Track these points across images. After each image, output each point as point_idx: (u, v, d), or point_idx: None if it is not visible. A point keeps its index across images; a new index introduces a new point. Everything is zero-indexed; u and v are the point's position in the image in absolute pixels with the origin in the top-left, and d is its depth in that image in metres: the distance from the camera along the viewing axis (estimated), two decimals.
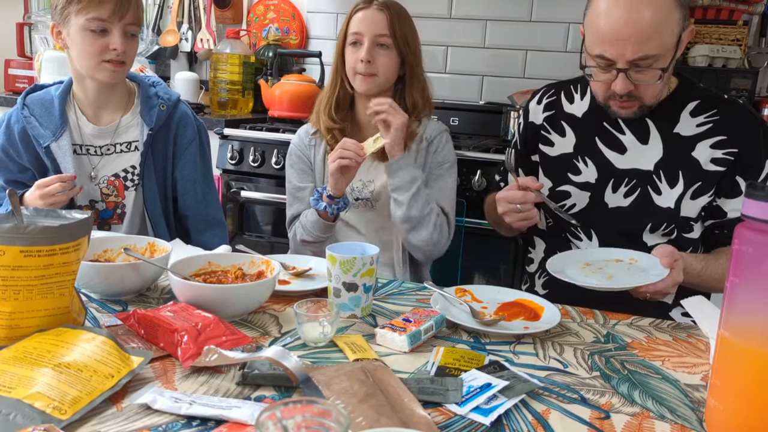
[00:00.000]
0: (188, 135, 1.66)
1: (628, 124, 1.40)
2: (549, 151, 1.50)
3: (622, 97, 1.29)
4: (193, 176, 1.67)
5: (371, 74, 1.56)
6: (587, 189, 1.44)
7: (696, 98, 1.38)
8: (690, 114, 1.37)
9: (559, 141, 1.49)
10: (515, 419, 0.79)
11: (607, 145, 1.42)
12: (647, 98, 1.30)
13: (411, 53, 1.60)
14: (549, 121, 1.51)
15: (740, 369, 0.74)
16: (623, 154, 1.40)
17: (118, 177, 1.61)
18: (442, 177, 1.63)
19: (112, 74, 1.52)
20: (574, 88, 1.51)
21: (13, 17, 3.21)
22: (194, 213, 1.69)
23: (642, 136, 1.39)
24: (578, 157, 1.45)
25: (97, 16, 1.45)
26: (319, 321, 0.97)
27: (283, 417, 0.58)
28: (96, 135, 1.60)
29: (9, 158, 1.60)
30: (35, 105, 1.59)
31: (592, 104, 1.45)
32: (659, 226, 1.37)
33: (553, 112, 1.51)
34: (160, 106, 1.61)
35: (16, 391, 0.73)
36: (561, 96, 1.52)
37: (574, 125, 1.47)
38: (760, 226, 0.71)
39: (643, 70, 1.25)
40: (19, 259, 0.85)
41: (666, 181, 1.37)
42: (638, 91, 1.28)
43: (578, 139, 1.46)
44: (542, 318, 1.12)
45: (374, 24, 1.55)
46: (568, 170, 1.45)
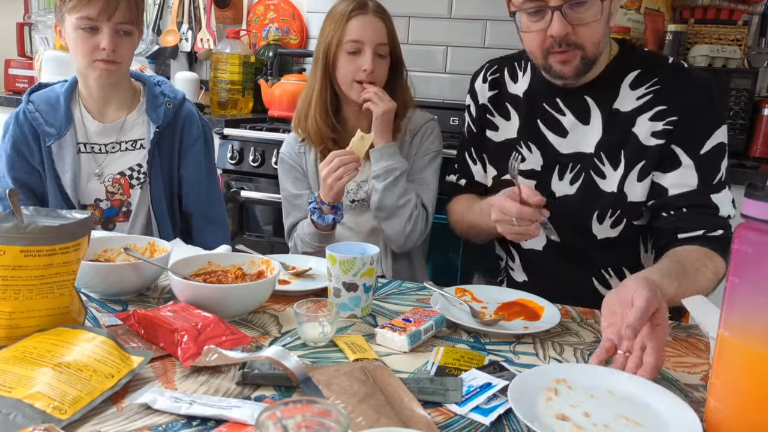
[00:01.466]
0: (194, 133, 1.66)
1: (567, 102, 1.30)
2: (493, 137, 1.40)
3: (560, 46, 1.18)
4: (198, 174, 1.67)
5: (371, 83, 1.54)
6: (533, 177, 1.34)
7: (636, 67, 1.27)
8: (630, 86, 1.27)
9: (503, 125, 1.39)
10: (515, 419, 0.79)
11: (548, 127, 1.32)
12: (588, 45, 1.18)
13: (399, 58, 1.59)
14: (493, 102, 1.40)
15: (740, 369, 0.74)
16: (565, 137, 1.31)
17: (124, 175, 1.61)
18: (424, 168, 1.62)
19: (104, 73, 1.51)
20: (518, 65, 1.39)
21: (13, 17, 3.21)
22: (197, 211, 1.70)
23: (582, 116, 1.29)
24: (521, 143, 1.35)
25: (86, 14, 1.45)
26: (319, 321, 0.97)
27: (283, 417, 0.58)
28: (100, 132, 1.60)
29: (20, 156, 1.58)
30: (40, 102, 1.59)
31: (531, 82, 1.35)
32: (605, 214, 1.29)
33: (496, 91, 1.41)
34: (167, 104, 1.62)
35: (16, 390, 0.73)
36: (504, 73, 1.41)
37: (518, 107, 1.36)
38: (760, 226, 0.71)
39: (579, 6, 1.15)
40: (19, 258, 0.85)
41: (609, 163, 1.27)
42: (577, 36, 1.17)
43: (522, 123, 1.35)
44: (542, 318, 1.12)
45: (375, 33, 1.53)
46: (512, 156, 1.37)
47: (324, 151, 1.60)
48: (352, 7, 1.53)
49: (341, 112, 1.63)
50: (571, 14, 1.16)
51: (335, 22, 1.55)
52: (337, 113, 1.62)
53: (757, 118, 2.33)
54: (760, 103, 2.34)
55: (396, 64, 1.60)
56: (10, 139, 1.58)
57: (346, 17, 1.53)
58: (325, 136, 1.59)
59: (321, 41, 1.58)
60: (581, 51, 1.20)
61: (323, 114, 1.58)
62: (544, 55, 1.23)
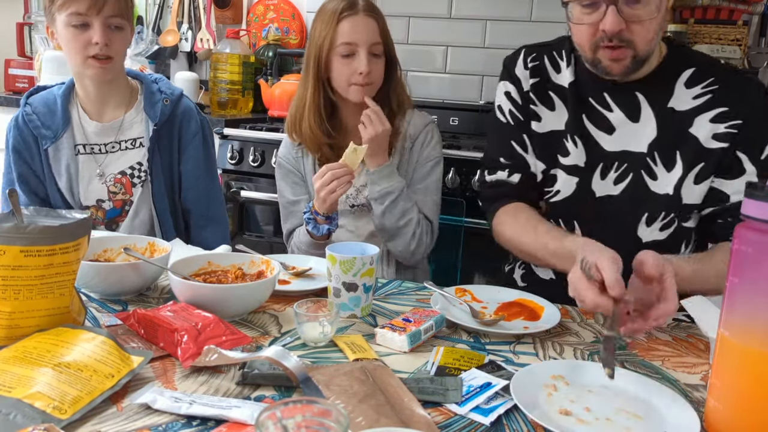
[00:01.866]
0: (192, 129, 1.65)
1: (616, 98, 1.25)
2: (537, 127, 1.32)
3: (611, 41, 1.14)
4: (196, 171, 1.67)
5: (369, 84, 1.51)
6: (575, 174, 1.29)
7: (690, 65, 1.24)
8: (685, 85, 1.23)
9: (547, 115, 1.31)
10: (515, 419, 0.79)
11: (594, 123, 1.27)
12: (640, 44, 1.14)
13: (393, 55, 1.57)
14: (535, 91, 1.33)
15: (740, 369, 0.74)
16: (611, 135, 1.26)
17: (125, 174, 1.61)
18: (426, 177, 1.59)
19: (99, 70, 1.51)
20: (558, 55, 1.33)
21: (13, 17, 3.21)
22: (196, 208, 1.69)
23: (632, 113, 1.24)
24: (568, 136, 1.29)
25: (76, 10, 1.44)
26: (319, 321, 0.97)
27: (283, 417, 0.58)
28: (99, 132, 1.60)
29: (22, 160, 1.59)
30: (38, 105, 1.59)
31: (577, 75, 1.30)
32: (657, 217, 1.24)
33: (538, 79, 1.33)
34: (164, 101, 1.61)
35: (16, 390, 0.73)
36: (545, 61, 1.34)
37: (565, 98, 1.30)
38: (760, 226, 0.71)
39: (635, 3, 1.10)
40: (19, 258, 0.85)
41: (662, 164, 1.23)
42: (630, 33, 1.13)
43: (570, 115, 1.29)
44: (542, 318, 1.12)
45: (368, 33, 1.49)
46: (557, 151, 1.29)
47: (322, 158, 1.58)
48: (342, 8, 1.49)
49: (337, 116, 1.60)
50: (626, 10, 1.12)
51: (325, 23, 1.50)
52: (332, 117, 1.58)
53: None
54: None
55: (390, 62, 1.57)
56: (11, 143, 1.59)
57: (336, 19, 1.48)
58: (321, 142, 1.56)
59: (312, 44, 1.54)
60: (632, 49, 1.16)
61: (318, 120, 1.55)
62: (593, 48, 1.19)
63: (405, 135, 1.59)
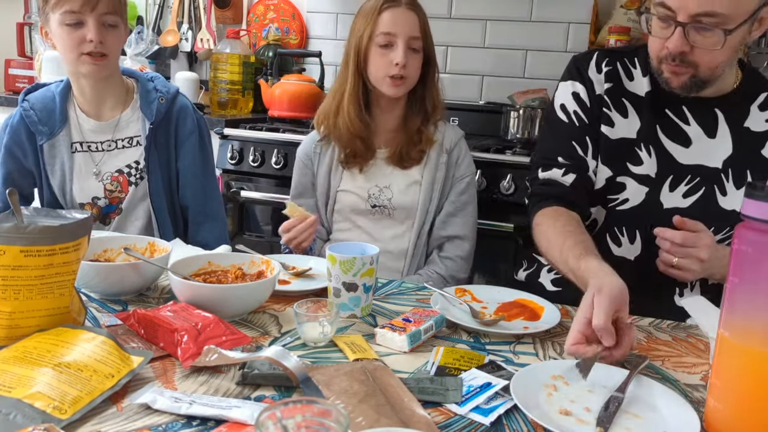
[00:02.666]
0: (188, 127, 1.65)
1: (694, 113, 1.27)
2: (609, 133, 1.31)
3: (674, 60, 1.17)
4: (193, 168, 1.66)
5: (403, 78, 1.51)
6: (646, 183, 1.28)
7: (766, 89, 1.27)
8: (759, 107, 1.26)
9: (620, 122, 1.30)
10: (515, 419, 0.79)
11: (668, 135, 1.27)
12: (703, 66, 1.17)
13: (432, 55, 1.56)
14: (610, 96, 1.32)
15: (740, 369, 0.74)
16: (687, 148, 1.26)
17: (122, 173, 1.61)
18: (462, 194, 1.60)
19: (93, 67, 1.50)
20: (630, 63, 1.33)
21: (13, 17, 3.21)
22: (193, 205, 1.69)
23: (709, 129, 1.25)
24: (641, 145, 1.28)
25: (69, 8, 1.44)
26: (319, 321, 0.97)
27: (283, 417, 0.58)
28: (96, 131, 1.60)
29: (13, 158, 1.59)
30: (36, 101, 1.59)
31: (653, 85, 1.30)
32: (721, 230, 1.25)
33: (612, 84, 1.32)
34: (159, 99, 1.61)
35: (16, 390, 0.73)
36: (618, 68, 1.33)
37: (638, 106, 1.30)
38: (760, 226, 0.71)
39: (704, 30, 1.12)
40: (19, 258, 0.85)
41: (733, 181, 1.25)
42: (693, 55, 1.15)
43: (643, 125, 1.29)
44: (542, 318, 1.12)
45: (407, 26, 1.50)
46: (628, 159, 1.29)
47: (349, 155, 1.58)
48: (384, 0, 1.51)
49: (370, 110, 1.60)
50: (693, 35, 1.14)
51: (366, 17, 1.52)
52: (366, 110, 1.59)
53: None
54: None
55: (428, 62, 1.56)
56: (6, 139, 1.59)
57: (377, 10, 1.50)
58: (357, 134, 1.56)
59: (352, 38, 1.55)
60: (694, 69, 1.18)
61: (357, 110, 1.55)
62: (659, 61, 1.22)
63: (441, 147, 1.59)
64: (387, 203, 1.59)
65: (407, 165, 1.58)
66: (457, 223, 1.59)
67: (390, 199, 1.59)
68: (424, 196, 1.57)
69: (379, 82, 1.53)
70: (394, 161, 1.58)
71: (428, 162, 1.58)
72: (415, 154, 1.57)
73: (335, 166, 1.61)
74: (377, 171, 1.60)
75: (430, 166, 1.58)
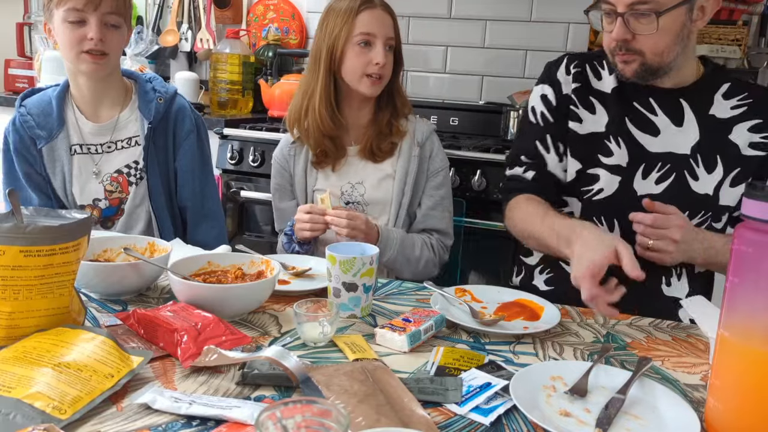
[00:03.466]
0: (186, 127, 1.66)
1: (661, 104, 1.34)
2: (577, 128, 1.40)
3: (621, 50, 1.26)
4: (191, 168, 1.67)
5: (381, 77, 1.53)
6: (618, 173, 1.35)
7: (726, 81, 1.34)
8: (723, 96, 1.32)
9: (588, 118, 1.39)
10: (515, 419, 0.79)
11: (638, 126, 1.35)
12: (648, 52, 1.25)
13: (400, 55, 1.59)
14: (577, 95, 1.41)
15: (740, 369, 0.74)
16: (656, 137, 1.33)
17: (121, 173, 1.61)
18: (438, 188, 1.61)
19: (92, 66, 1.50)
20: (599, 64, 1.42)
21: (13, 17, 3.21)
22: (192, 204, 1.69)
23: (676, 118, 1.33)
24: (610, 137, 1.36)
25: (73, 6, 1.45)
26: (318, 321, 0.97)
27: (283, 417, 0.58)
28: (95, 132, 1.60)
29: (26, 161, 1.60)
30: (32, 106, 1.59)
31: (620, 81, 1.38)
32: (696, 214, 1.31)
33: (580, 84, 1.42)
34: (158, 99, 1.61)
35: (15, 390, 0.73)
36: (587, 69, 1.43)
37: (605, 102, 1.39)
38: (760, 226, 0.71)
39: (641, 17, 1.21)
40: (18, 258, 0.85)
41: (703, 166, 1.31)
42: (637, 43, 1.24)
43: (610, 118, 1.37)
44: (542, 318, 1.12)
45: (384, 26, 1.52)
46: (599, 151, 1.36)
47: (320, 155, 1.59)
48: (360, 1, 1.52)
49: (341, 108, 1.59)
50: (632, 22, 1.23)
51: (341, 17, 1.52)
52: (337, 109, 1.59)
53: None
54: None
55: (397, 59, 1.59)
56: (13, 145, 1.59)
57: (355, 11, 1.51)
58: (327, 133, 1.56)
59: (323, 37, 1.54)
60: (641, 57, 1.26)
61: (329, 109, 1.55)
62: (612, 55, 1.30)
63: (412, 139, 1.60)
64: (360, 199, 1.61)
65: (379, 158, 1.59)
66: (436, 216, 1.61)
67: (363, 195, 1.60)
68: (398, 189, 1.59)
69: (356, 81, 1.54)
70: (366, 155, 1.59)
71: (400, 155, 1.59)
72: (386, 146, 1.58)
73: (310, 167, 1.63)
74: (349, 168, 1.61)
75: (402, 159, 1.59)
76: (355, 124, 1.60)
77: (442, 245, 1.61)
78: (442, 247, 1.61)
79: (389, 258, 1.51)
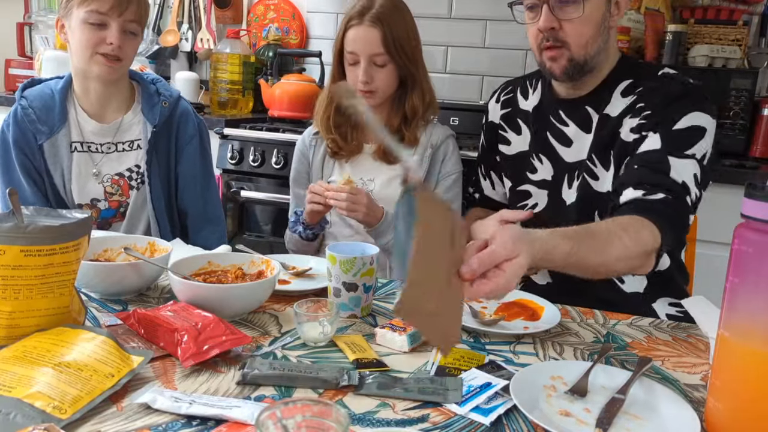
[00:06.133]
0: (189, 131, 1.66)
1: (569, 113, 1.37)
2: (507, 150, 1.49)
3: (548, 41, 1.26)
4: (193, 173, 1.67)
5: (370, 92, 1.54)
6: (545, 187, 1.41)
7: (628, 77, 1.32)
8: (621, 93, 1.32)
9: (515, 139, 1.47)
10: (515, 419, 0.79)
11: (556, 139, 1.39)
12: (573, 45, 1.26)
13: (410, 61, 1.56)
14: (505, 120, 1.50)
15: (740, 369, 0.74)
16: (570, 147, 1.37)
17: (123, 177, 1.61)
18: (449, 189, 1.62)
19: (105, 68, 1.50)
20: (530, 83, 1.48)
21: (13, 17, 3.21)
22: (193, 210, 1.69)
23: (585, 125, 1.35)
24: (533, 155, 1.43)
25: (97, 8, 1.45)
26: (318, 321, 0.97)
27: (283, 417, 0.58)
28: (97, 133, 1.60)
29: (23, 153, 1.56)
30: (34, 99, 1.57)
31: (541, 98, 1.43)
32: (605, 212, 1.29)
33: (509, 109, 1.49)
34: (162, 103, 1.61)
35: (16, 390, 0.73)
36: (517, 92, 1.50)
37: (528, 121, 1.45)
38: (760, 226, 0.71)
39: (566, 5, 1.23)
40: (19, 258, 0.85)
41: (601, 165, 1.32)
42: (564, 33, 1.25)
43: (533, 136, 1.43)
44: (542, 318, 1.12)
45: (368, 44, 1.50)
46: (526, 169, 1.43)
47: (334, 148, 1.62)
48: (350, 16, 1.53)
49: None
50: (557, 11, 1.24)
51: (340, 27, 1.56)
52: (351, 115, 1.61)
53: (757, 118, 2.33)
54: (760, 103, 2.34)
55: (404, 69, 1.56)
56: (12, 137, 1.56)
57: (343, 28, 1.54)
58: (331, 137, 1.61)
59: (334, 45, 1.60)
60: (568, 50, 1.27)
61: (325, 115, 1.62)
62: (539, 52, 1.31)
63: (427, 143, 1.61)
64: None
65: (391, 161, 1.61)
66: None
67: (372, 191, 1.61)
68: None
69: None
70: (380, 156, 1.61)
71: (414, 156, 1.60)
72: None
73: (327, 158, 1.66)
74: (364, 164, 1.63)
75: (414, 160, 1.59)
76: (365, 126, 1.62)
77: None
78: None
79: (389, 241, 1.51)
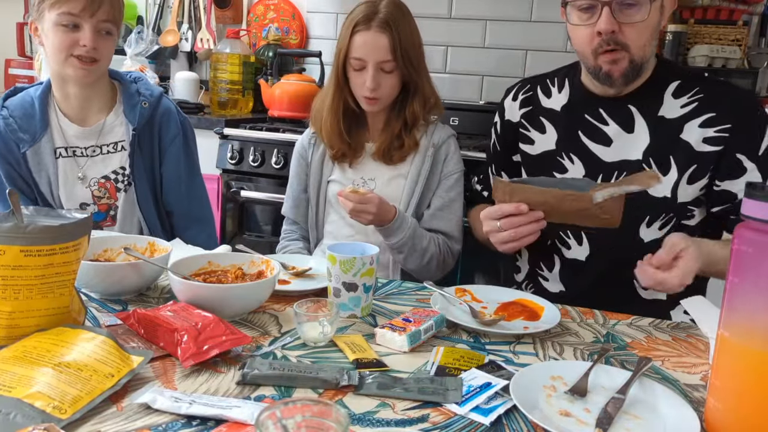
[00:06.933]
0: (172, 131, 1.63)
1: (610, 112, 1.34)
2: (530, 150, 1.45)
3: (609, 45, 1.22)
4: (177, 173, 1.64)
5: (376, 99, 1.53)
6: None
7: (676, 78, 1.33)
8: (672, 95, 1.31)
9: (539, 138, 1.44)
10: (515, 419, 0.79)
11: (591, 138, 1.36)
12: (634, 47, 1.23)
13: (413, 68, 1.54)
14: (527, 118, 1.46)
15: (740, 369, 0.74)
16: (609, 146, 1.34)
17: (109, 179, 1.59)
18: (449, 191, 1.60)
19: (81, 71, 1.47)
20: (551, 82, 1.46)
21: (13, 17, 3.21)
22: (178, 209, 1.67)
23: (626, 125, 1.33)
24: (562, 154, 1.39)
25: (68, 10, 1.42)
26: (318, 321, 0.97)
27: (283, 417, 0.58)
28: (80, 136, 1.57)
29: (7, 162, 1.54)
30: (15, 108, 1.54)
31: (571, 97, 1.41)
32: (657, 217, 1.31)
33: (530, 108, 1.46)
34: (143, 103, 1.58)
35: (16, 390, 0.73)
36: (537, 91, 1.46)
37: (554, 120, 1.42)
38: (760, 226, 0.71)
39: (628, 8, 1.20)
40: (19, 258, 0.85)
41: (657, 168, 1.31)
42: (624, 36, 1.22)
43: (560, 135, 1.40)
44: (542, 318, 1.12)
45: (376, 50, 1.48)
46: (553, 168, 1.40)
47: (337, 153, 1.61)
48: (357, 21, 1.49)
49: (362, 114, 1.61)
50: (618, 13, 1.20)
51: (345, 31, 1.52)
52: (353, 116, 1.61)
53: None
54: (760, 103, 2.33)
55: (408, 75, 1.54)
56: None
57: (350, 32, 1.50)
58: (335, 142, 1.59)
59: (336, 47, 1.56)
60: (628, 53, 1.24)
61: (335, 123, 1.57)
62: (594, 55, 1.26)
63: (429, 142, 1.60)
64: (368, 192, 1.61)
65: (393, 162, 1.60)
66: (443, 218, 1.60)
67: (373, 190, 1.59)
68: (408, 188, 1.59)
69: (358, 97, 1.56)
70: (380, 157, 1.60)
71: (416, 156, 1.59)
72: (397, 155, 1.59)
73: (327, 158, 1.65)
74: (366, 164, 1.62)
75: (417, 160, 1.59)
76: (373, 125, 1.61)
77: (449, 248, 1.60)
78: (449, 249, 1.60)
79: (400, 240, 1.49)
